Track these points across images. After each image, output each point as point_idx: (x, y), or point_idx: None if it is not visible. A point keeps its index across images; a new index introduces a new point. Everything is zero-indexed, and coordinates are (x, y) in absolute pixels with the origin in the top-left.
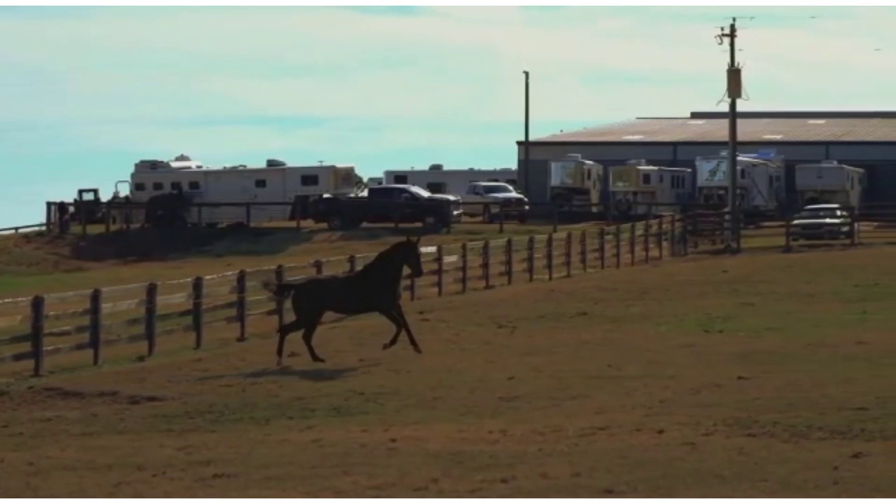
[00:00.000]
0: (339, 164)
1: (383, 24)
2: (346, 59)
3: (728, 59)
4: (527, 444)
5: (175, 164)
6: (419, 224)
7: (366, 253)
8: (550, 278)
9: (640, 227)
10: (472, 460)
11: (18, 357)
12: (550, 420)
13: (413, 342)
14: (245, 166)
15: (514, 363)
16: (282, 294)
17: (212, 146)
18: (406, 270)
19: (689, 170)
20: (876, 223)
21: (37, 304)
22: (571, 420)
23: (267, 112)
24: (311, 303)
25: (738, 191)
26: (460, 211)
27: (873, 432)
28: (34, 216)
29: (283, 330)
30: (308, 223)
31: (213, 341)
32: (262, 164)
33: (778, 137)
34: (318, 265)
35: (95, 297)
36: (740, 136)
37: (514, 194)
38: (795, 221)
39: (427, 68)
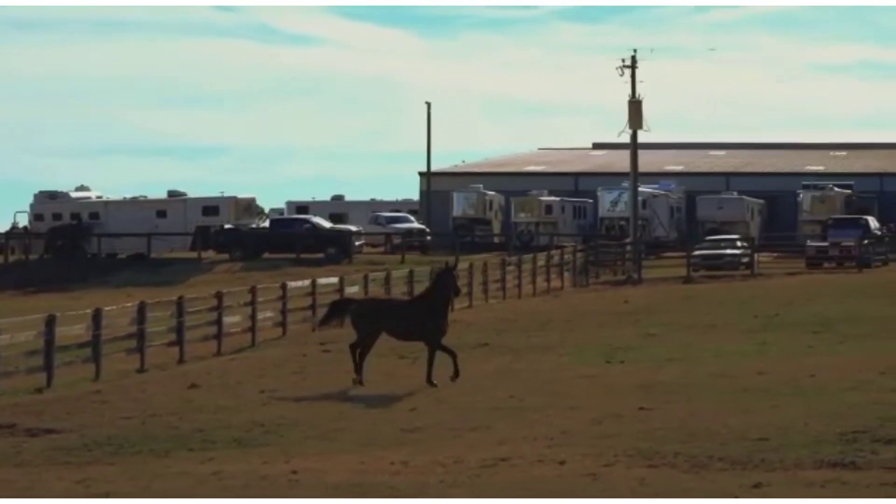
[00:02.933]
0: (241, 195)
1: (283, 54)
2: (247, 89)
3: (629, 91)
4: (428, 475)
5: (75, 195)
6: (321, 255)
7: (266, 283)
8: (452, 309)
9: (541, 258)
10: (373, 492)
11: None
12: (452, 451)
13: (456, 372)
14: (146, 196)
15: (417, 394)
16: (339, 310)
17: (112, 176)
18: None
19: (591, 200)
20: (775, 254)
21: None
22: (473, 451)
23: (168, 142)
24: (367, 322)
25: (640, 221)
26: (362, 241)
27: (773, 462)
28: None
29: (352, 348)
30: (209, 254)
31: (113, 373)
32: (163, 195)
33: (679, 168)
34: (219, 296)
35: None
36: (642, 167)
37: (415, 225)
38: (696, 252)
39: (328, 98)
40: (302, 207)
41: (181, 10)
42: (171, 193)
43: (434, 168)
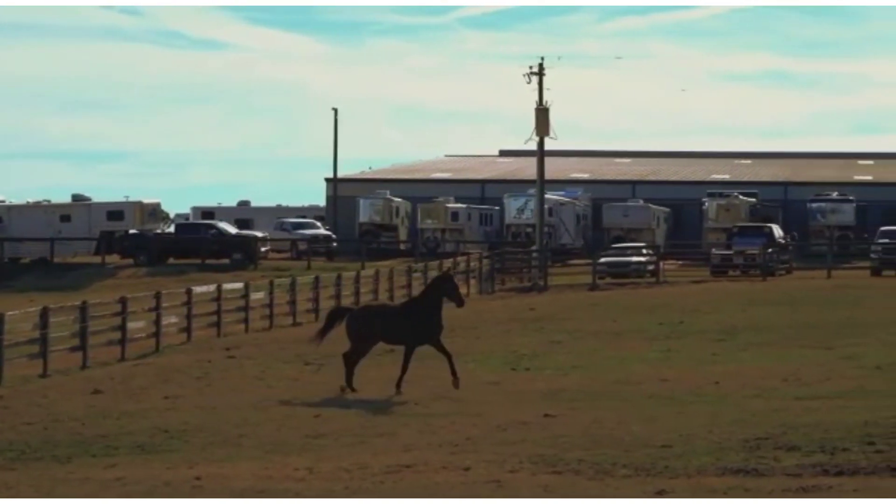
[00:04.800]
0: (146, 200)
1: (190, 59)
2: (152, 94)
3: (536, 98)
4: (333, 481)
5: None
6: (226, 260)
7: (171, 289)
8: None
9: (447, 265)
10: (277, 498)
11: None
12: (357, 457)
13: (398, 383)
14: (49, 201)
15: (321, 400)
16: (337, 317)
17: (15, 181)
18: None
19: (497, 207)
20: (681, 262)
21: None
22: (378, 457)
23: (72, 147)
24: (360, 329)
25: (546, 229)
26: (267, 247)
27: (677, 469)
28: None
29: (345, 357)
30: (114, 259)
31: (15, 378)
32: (67, 199)
33: (585, 176)
34: (123, 301)
35: None
36: (548, 175)
37: (321, 231)
38: (602, 259)
39: (234, 104)
40: (207, 213)
41: (86, 13)
42: (76, 198)
43: (340, 174)
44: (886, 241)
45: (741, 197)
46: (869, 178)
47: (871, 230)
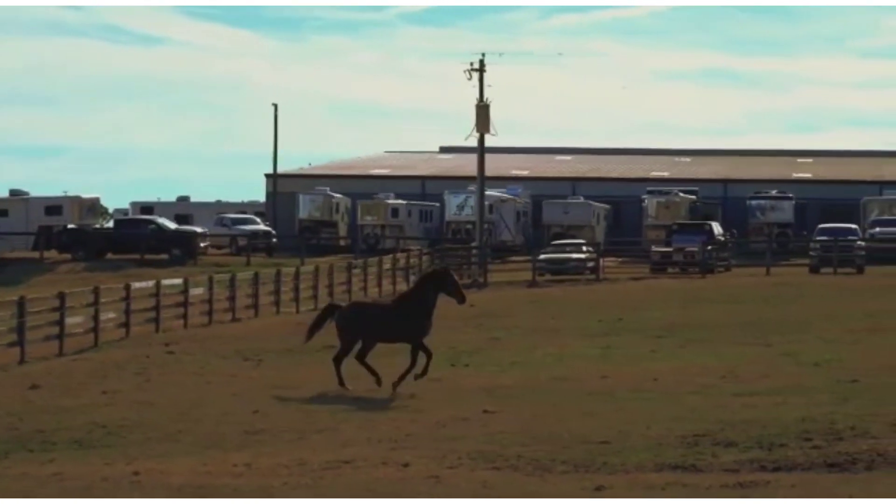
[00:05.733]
0: (84, 195)
1: (131, 54)
2: (93, 89)
3: (477, 95)
4: (272, 477)
5: None
6: (165, 256)
7: (110, 284)
8: (298, 311)
9: (387, 261)
10: (216, 494)
11: None
12: (296, 453)
13: (424, 371)
14: None
15: (260, 396)
16: (329, 315)
17: None
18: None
19: (438, 204)
20: (620, 259)
21: None
22: (317, 453)
23: (10, 141)
24: (349, 327)
25: (486, 225)
26: (207, 243)
27: (615, 466)
28: None
29: (342, 358)
30: (52, 254)
31: None
32: (5, 194)
33: (525, 173)
34: (61, 296)
35: None
36: (488, 172)
37: (261, 227)
38: (541, 256)
39: (175, 99)
40: (147, 208)
41: (28, 8)
42: (13, 192)
43: (280, 170)
44: (825, 238)
45: (681, 194)
46: (808, 175)
47: (809, 228)
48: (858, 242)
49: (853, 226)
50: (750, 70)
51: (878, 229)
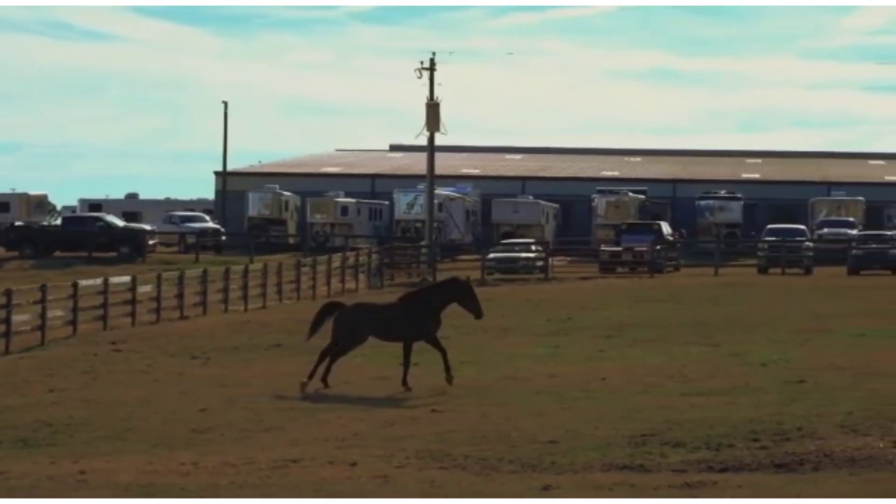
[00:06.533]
0: (32, 192)
1: (78, 51)
2: (40, 85)
3: (427, 93)
4: (219, 476)
5: None
6: (114, 253)
7: (58, 282)
8: (246, 309)
9: (336, 260)
10: (162, 493)
11: None
12: (243, 452)
13: (404, 381)
14: None
15: (208, 395)
16: (328, 314)
17: None
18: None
19: (387, 202)
20: (569, 258)
21: None
22: (265, 452)
23: None
24: (349, 326)
25: (435, 224)
26: (155, 240)
27: (563, 465)
28: None
29: (329, 354)
30: None
31: None
32: None
33: (475, 172)
34: (8, 294)
35: None
36: (438, 170)
37: (210, 224)
38: (491, 255)
39: (123, 96)
40: (95, 205)
41: None
42: None
43: (230, 168)
44: (773, 239)
45: (630, 194)
46: (756, 176)
47: (758, 228)
48: (806, 243)
49: (801, 226)
50: (699, 70)
51: (825, 230)
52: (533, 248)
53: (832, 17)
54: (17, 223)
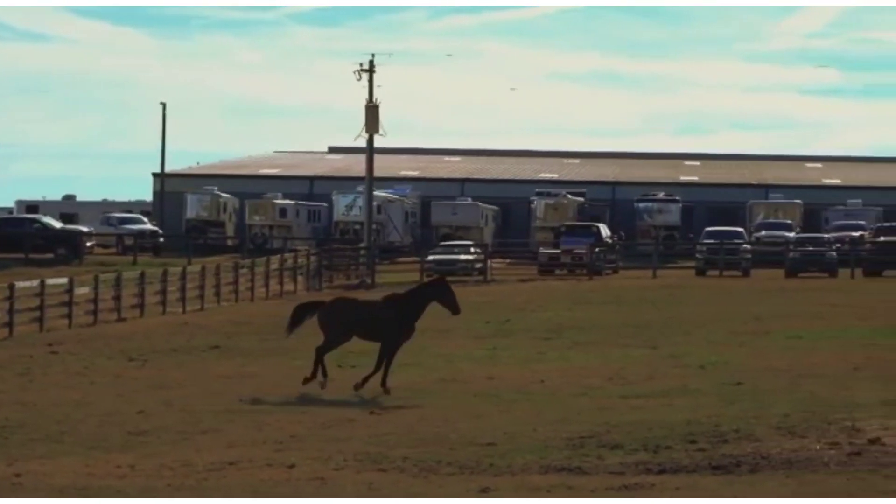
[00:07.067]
0: None
1: (15, 51)
2: None
3: (367, 95)
4: (156, 478)
5: None
6: (50, 255)
7: None
8: (184, 311)
9: (275, 261)
10: (99, 495)
11: None
12: (180, 454)
13: (384, 382)
14: None
15: (145, 397)
16: (305, 313)
17: None
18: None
19: (326, 204)
20: (508, 260)
21: None
22: (202, 454)
23: None
24: (334, 322)
25: (374, 226)
26: (93, 242)
27: (501, 467)
28: None
29: (319, 350)
30: None
31: None
32: None
33: (414, 174)
34: None
35: None
36: (377, 172)
37: (148, 226)
38: (430, 257)
39: (60, 97)
40: (32, 207)
41: None
42: None
43: (168, 169)
44: (711, 241)
45: (569, 196)
46: (695, 178)
47: (696, 230)
48: (744, 245)
49: (739, 229)
50: (639, 73)
51: (763, 232)
52: (472, 250)
53: (771, 20)
54: None
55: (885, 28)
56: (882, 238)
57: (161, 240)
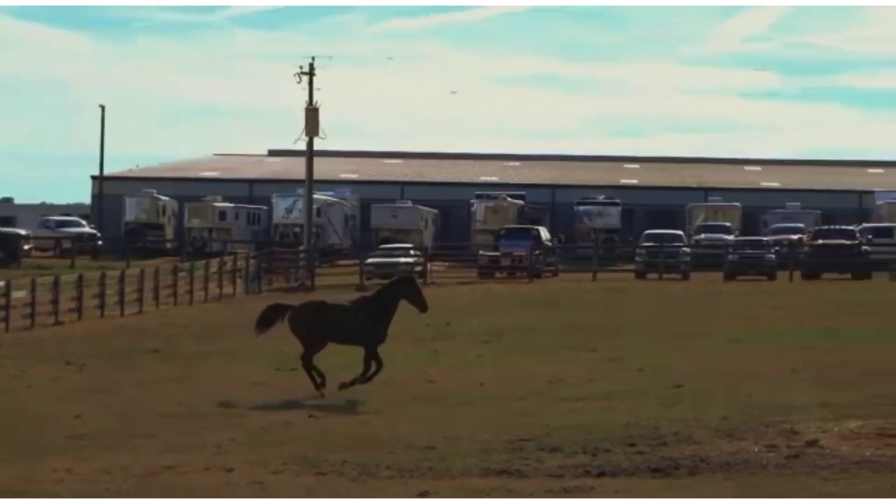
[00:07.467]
0: None
1: None
2: None
3: (307, 98)
4: (93, 483)
5: None
6: None
7: None
8: (122, 315)
9: (214, 264)
10: (35, 501)
11: None
12: (118, 459)
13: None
14: None
15: (83, 401)
16: (275, 315)
17: None
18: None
19: (266, 207)
20: (448, 263)
21: None
22: (139, 459)
23: None
24: (306, 326)
25: (314, 229)
26: (31, 245)
27: (440, 471)
28: None
29: (303, 360)
30: None
31: None
32: None
33: (354, 177)
34: None
35: None
36: (317, 175)
37: (87, 229)
38: (369, 260)
39: None
40: None
41: None
42: None
43: (107, 172)
44: (651, 244)
45: (509, 199)
46: (635, 181)
47: (636, 233)
48: (684, 248)
49: (678, 232)
50: (578, 75)
51: (703, 235)
52: (412, 252)
53: (710, 23)
54: None
55: (821, 32)
56: (820, 241)
57: (100, 243)
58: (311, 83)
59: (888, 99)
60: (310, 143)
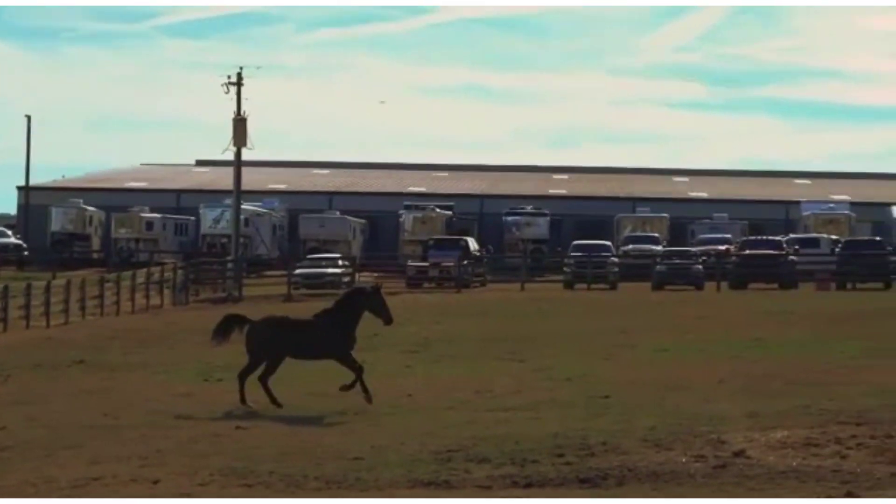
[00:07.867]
0: None
1: None
2: None
3: (234, 108)
4: (18, 495)
5: None
6: None
7: None
8: (48, 326)
9: (141, 275)
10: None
11: None
12: (43, 471)
13: (364, 390)
14: None
15: (7, 413)
16: (233, 325)
17: None
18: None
19: (193, 218)
20: (376, 273)
21: None
22: (65, 471)
23: None
24: (263, 343)
25: (242, 239)
26: None
27: (368, 482)
28: None
29: (261, 382)
30: None
31: None
32: None
33: (282, 187)
34: None
35: None
36: (245, 185)
37: (12, 240)
38: (297, 271)
39: None
40: None
41: None
42: None
43: (33, 182)
44: (579, 254)
45: (437, 209)
46: (563, 192)
47: (564, 244)
48: (612, 259)
49: (607, 242)
50: (508, 86)
51: (630, 246)
52: (340, 263)
53: (639, 34)
54: None
55: (747, 44)
56: (747, 251)
57: (25, 253)
58: (238, 93)
59: (815, 110)
60: (238, 154)
